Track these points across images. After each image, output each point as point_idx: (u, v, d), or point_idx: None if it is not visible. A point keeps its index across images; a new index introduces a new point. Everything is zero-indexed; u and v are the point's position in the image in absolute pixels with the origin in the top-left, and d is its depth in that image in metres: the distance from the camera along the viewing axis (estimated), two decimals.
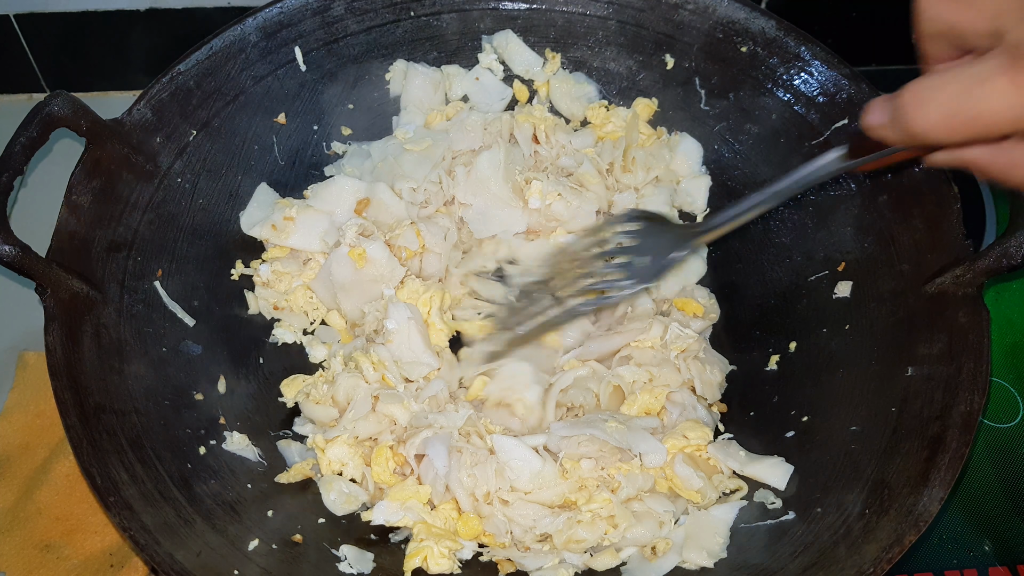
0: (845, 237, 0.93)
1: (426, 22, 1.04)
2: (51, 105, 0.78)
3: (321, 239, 0.97)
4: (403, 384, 0.89)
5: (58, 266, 0.76)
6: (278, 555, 0.78)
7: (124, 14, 1.14)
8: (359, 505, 0.85)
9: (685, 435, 0.86)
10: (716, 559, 0.79)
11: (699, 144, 1.05)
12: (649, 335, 0.92)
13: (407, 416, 0.87)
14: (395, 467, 0.86)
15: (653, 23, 1.02)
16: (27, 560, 0.85)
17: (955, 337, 0.78)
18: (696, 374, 0.91)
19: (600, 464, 0.84)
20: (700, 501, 0.84)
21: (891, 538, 0.71)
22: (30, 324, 1.02)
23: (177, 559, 0.70)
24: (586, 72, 1.07)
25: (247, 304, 0.97)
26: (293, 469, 0.86)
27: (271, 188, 1.01)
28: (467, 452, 0.84)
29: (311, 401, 0.90)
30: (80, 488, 0.89)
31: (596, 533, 0.81)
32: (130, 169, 0.87)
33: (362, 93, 1.05)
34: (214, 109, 0.95)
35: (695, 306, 0.96)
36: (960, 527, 0.92)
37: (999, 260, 0.76)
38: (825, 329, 0.91)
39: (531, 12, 1.05)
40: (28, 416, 0.95)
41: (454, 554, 0.80)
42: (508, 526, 0.83)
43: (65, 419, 0.74)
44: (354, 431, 0.86)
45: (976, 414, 0.74)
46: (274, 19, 0.97)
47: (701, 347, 0.92)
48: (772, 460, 0.85)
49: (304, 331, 0.98)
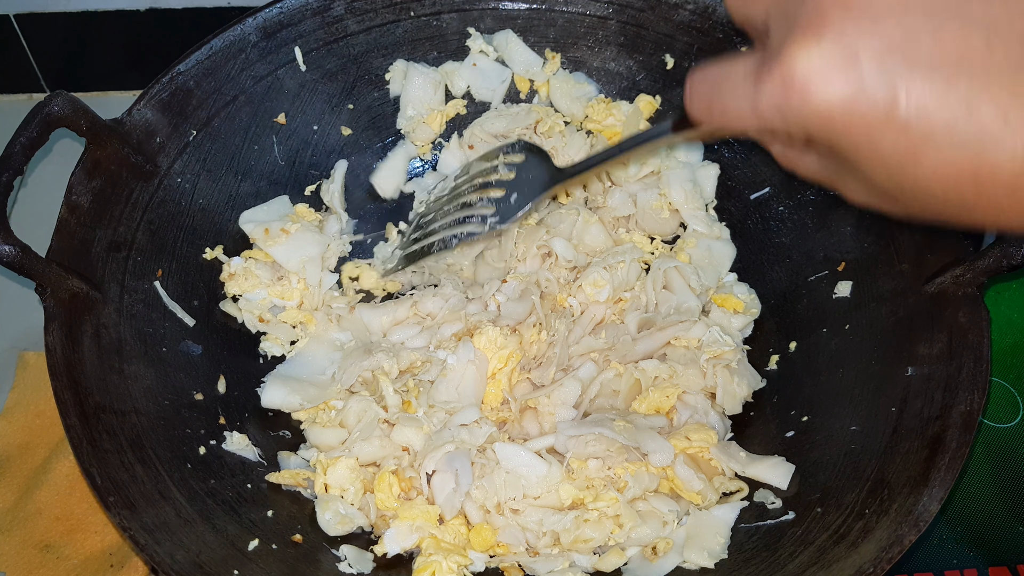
0: (845, 237, 0.93)
1: (426, 22, 1.03)
2: (51, 105, 0.78)
3: (302, 263, 0.97)
4: (425, 408, 0.87)
5: (58, 266, 0.76)
6: (278, 555, 0.78)
7: (124, 14, 1.14)
8: (354, 527, 0.83)
9: (688, 436, 0.86)
10: (717, 559, 0.79)
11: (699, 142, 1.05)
12: (689, 335, 0.92)
13: (422, 440, 0.85)
14: (399, 492, 0.85)
15: (653, 23, 1.02)
16: (27, 560, 0.85)
17: (955, 337, 0.78)
18: (721, 383, 0.89)
19: (607, 464, 0.84)
20: (701, 502, 0.84)
21: (891, 538, 0.71)
22: (30, 324, 1.02)
23: (177, 559, 0.70)
24: (586, 72, 1.07)
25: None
26: (286, 472, 0.86)
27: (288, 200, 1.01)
28: (476, 464, 0.84)
29: (318, 426, 0.89)
30: (80, 488, 0.89)
31: (603, 532, 0.81)
32: (130, 169, 0.87)
33: (362, 93, 1.05)
34: (214, 109, 0.95)
35: (735, 302, 0.96)
36: (960, 527, 0.92)
37: (999, 260, 0.76)
38: (825, 329, 0.91)
39: (531, 12, 1.04)
40: (28, 416, 0.95)
41: (463, 569, 0.80)
42: (523, 535, 0.83)
43: (65, 419, 0.73)
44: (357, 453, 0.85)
45: (976, 414, 0.74)
46: (274, 19, 0.97)
47: (736, 358, 0.91)
48: (773, 460, 0.85)
49: (292, 342, 0.97)
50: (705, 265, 0.99)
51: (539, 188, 0.88)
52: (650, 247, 1.02)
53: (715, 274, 0.99)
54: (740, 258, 1.01)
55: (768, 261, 0.99)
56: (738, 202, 1.03)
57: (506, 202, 0.89)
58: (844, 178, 0.50)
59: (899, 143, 0.42)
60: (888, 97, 0.41)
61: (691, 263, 0.98)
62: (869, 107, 0.42)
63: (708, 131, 0.58)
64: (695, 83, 0.52)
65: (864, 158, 0.45)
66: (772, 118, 0.45)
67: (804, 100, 0.43)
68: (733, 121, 0.49)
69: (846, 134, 0.44)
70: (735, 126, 0.50)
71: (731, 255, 1.01)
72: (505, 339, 0.90)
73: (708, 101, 0.51)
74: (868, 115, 0.42)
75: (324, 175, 1.05)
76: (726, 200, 1.04)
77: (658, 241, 1.03)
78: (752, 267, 1.01)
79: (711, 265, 1.00)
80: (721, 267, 1.00)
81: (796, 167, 0.54)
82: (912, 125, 0.42)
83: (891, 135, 0.42)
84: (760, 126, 0.47)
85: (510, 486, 0.83)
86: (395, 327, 0.96)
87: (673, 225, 1.03)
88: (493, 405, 0.91)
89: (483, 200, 0.91)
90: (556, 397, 0.89)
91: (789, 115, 0.44)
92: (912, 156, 0.43)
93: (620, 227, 1.03)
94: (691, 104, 0.53)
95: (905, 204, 0.47)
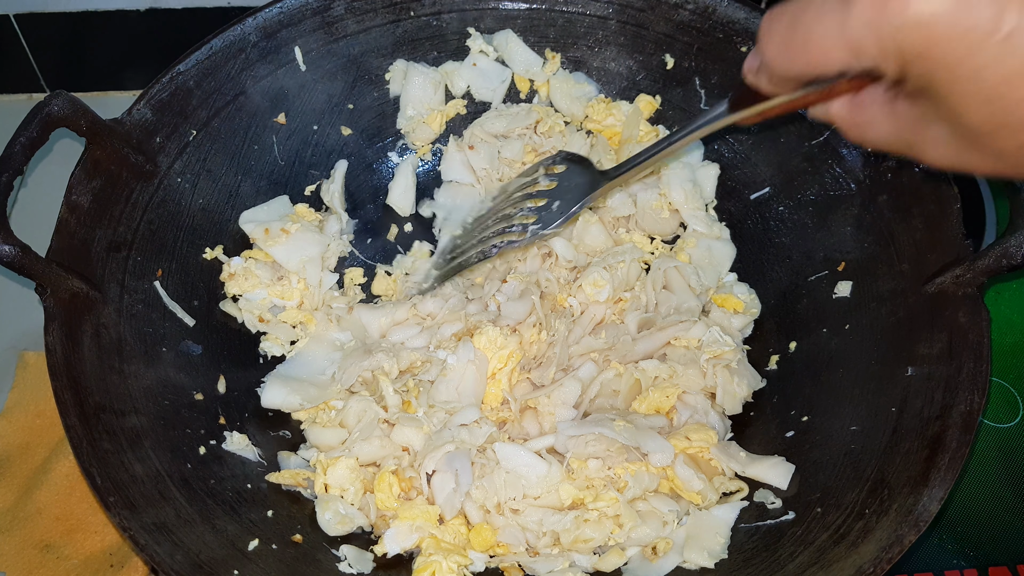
0: (845, 237, 0.93)
1: (426, 22, 1.03)
2: (51, 105, 0.78)
3: (302, 263, 0.97)
4: (425, 408, 0.87)
5: (58, 266, 0.76)
6: (278, 555, 0.78)
7: (124, 14, 1.14)
8: (354, 527, 0.84)
9: (688, 436, 0.86)
10: (717, 559, 0.79)
11: (699, 142, 1.05)
12: (689, 335, 0.92)
13: (422, 440, 0.85)
14: (399, 492, 0.85)
15: (653, 23, 1.02)
16: (27, 560, 0.85)
17: (955, 337, 0.78)
18: (721, 383, 0.90)
19: (607, 464, 0.84)
20: (701, 502, 0.84)
21: (891, 538, 0.71)
22: (30, 324, 1.02)
23: (177, 559, 0.70)
24: (586, 72, 1.07)
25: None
26: (286, 472, 0.86)
27: (288, 200, 1.01)
28: (476, 464, 0.84)
29: (318, 426, 0.89)
30: (80, 488, 0.89)
31: (603, 532, 0.81)
32: (130, 169, 0.87)
33: (362, 93, 1.05)
34: (214, 109, 0.95)
35: (735, 302, 0.96)
36: (960, 527, 0.92)
37: (999, 260, 0.76)
38: (825, 329, 0.91)
39: (531, 12, 1.04)
40: (28, 416, 0.95)
41: (463, 569, 0.80)
42: (523, 535, 0.83)
43: (65, 419, 0.74)
44: (357, 453, 0.85)
45: (976, 414, 0.74)
46: (274, 19, 0.97)
47: (736, 358, 0.91)
48: (773, 460, 0.85)
49: (292, 342, 0.97)
50: (705, 265, 0.99)
51: (582, 193, 0.88)
52: (650, 247, 1.02)
53: (715, 274, 0.99)
54: (740, 258, 1.01)
55: (768, 261, 0.99)
56: (738, 202, 1.03)
57: (547, 210, 0.89)
58: (928, 129, 0.47)
59: (1003, 62, 0.40)
60: (994, 9, 0.39)
61: (691, 263, 0.98)
62: (972, 19, 0.39)
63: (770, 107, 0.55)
64: (771, 22, 0.49)
65: (961, 85, 0.42)
66: (864, 40, 0.43)
67: (902, 10, 0.40)
68: (816, 57, 0.46)
69: (944, 53, 0.41)
70: (818, 63, 0.46)
71: (731, 255, 1.01)
72: (505, 339, 0.90)
73: (788, 37, 0.47)
74: (971, 29, 0.39)
75: (324, 175, 1.05)
76: (726, 200, 1.04)
77: (658, 241, 1.03)
78: (752, 267, 1.01)
79: (711, 265, 1.00)
80: (721, 267, 1.00)
81: (866, 132, 0.51)
82: (1019, 41, 0.39)
83: (994, 52, 0.40)
84: (849, 57, 0.44)
85: (510, 486, 0.83)
86: (395, 327, 0.96)
87: (673, 225, 1.03)
88: (493, 405, 0.91)
89: (523, 211, 0.90)
90: (556, 397, 0.89)
91: (884, 32, 0.42)
92: (1017, 78, 0.40)
93: (620, 227, 1.03)
94: (768, 45, 0.49)
95: (997, 148, 0.44)
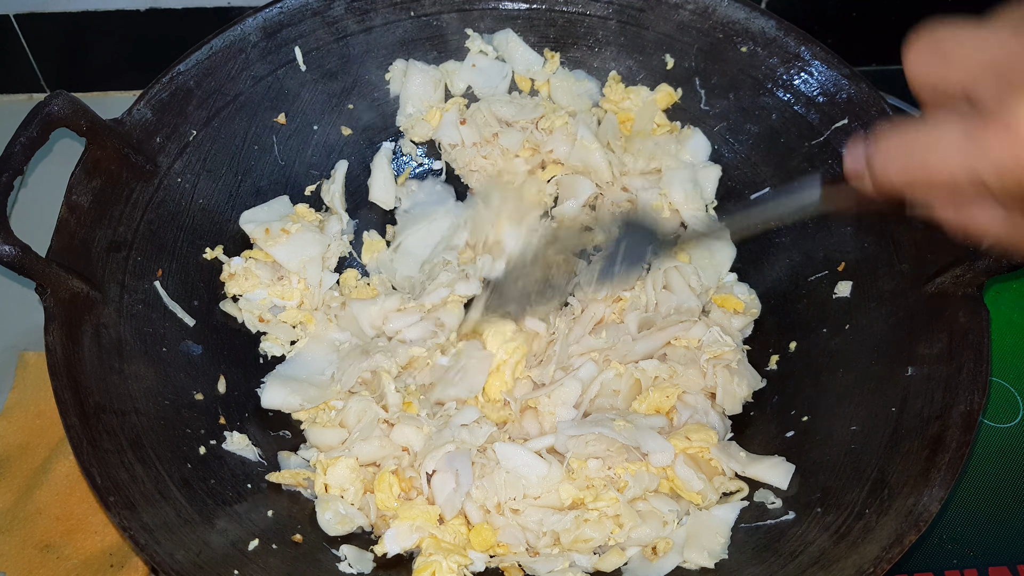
0: (845, 237, 0.93)
1: (426, 22, 1.03)
2: (51, 105, 0.78)
3: (302, 263, 0.97)
4: (428, 408, 0.87)
5: (58, 266, 0.76)
6: (278, 555, 0.78)
7: (124, 14, 1.14)
8: (354, 527, 0.84)
9: (688, 436, 0.86)
10: (717, 559, 0.79)
11: (708, 141, 1.04)
12: (689, 335, 0.92)
13: (422, 440, 0.85)
14: (399, 492, 0.85)
15: (653, 23, 1.02)
16: (27, 560, 0.85)
17: (955, 337, 0.78)
18: (721, 383, 0.89)
19: (607, 464, 0.84)
20: (701, 502, 0.84)
21: (891, 538, 0.71)
22: (30, 324, 1.02)
23: (177, 559, 0.70)
24: (586, 71, 1.07)
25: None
26: (286, 472, 0.86)
27: (288, 200, 1.01)
28: (476, 464, 0.84)
29: (318, 426, 0.89)
30: (80, 488, 0.89)
31: (603, 532, 0.81)
32: (130, 169, 0.87)
33: (362, 93, 1.05)
34: (214, 109, 0.95)
35: (735, 302, 0.96)
36: (960, 527, 0.92)
37: (999, 260, 0.76)
38: (825, 329, 0.91)
39: (531, 12, 1.05)
40: (28, 416, 0.95)
41: (464, 569, 0.80)
42: (523, 535, 0.83)
43: (65, 419, 0.73)
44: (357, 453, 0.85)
45: (976, 414, 0.74)
46: (274, 19, 0.97)
47: (736, 358, 0.91)
48: (773, 460, 0.85)
49: (292, 342, 0.97)
50: (705, 265, 0.99)
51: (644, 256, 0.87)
52: None
53: (715, 274, 0.99)
54: (740, 258, 1.01)
55: (768, 261, 0.99)
56: (738, 202, 1.03)
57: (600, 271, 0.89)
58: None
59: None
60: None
61: (691, 263, 0.98)
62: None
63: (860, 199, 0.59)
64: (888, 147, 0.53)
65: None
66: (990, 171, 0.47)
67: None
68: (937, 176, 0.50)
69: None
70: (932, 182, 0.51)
71: (731, 255, 1.01)
72: (513, 332, 0.91)
73: (905, 160, 0.52)
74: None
75: (324, 175, 1.05)
76: (726, 200, 1.04)
77: None
78: (752, 267, 1.01)
79: (711, 265, 1.00)
80: (721, 267, 1.00)
81: (972, 225, 0.56)
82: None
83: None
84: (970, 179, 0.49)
85: (510, 486, 0.83)
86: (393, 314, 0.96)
87: (673, 225, 1.03)
88: (494, 398, 0.91)
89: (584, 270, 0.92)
90: (556, 397, 0.89)
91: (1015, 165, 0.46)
92: None
93: None
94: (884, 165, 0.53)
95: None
